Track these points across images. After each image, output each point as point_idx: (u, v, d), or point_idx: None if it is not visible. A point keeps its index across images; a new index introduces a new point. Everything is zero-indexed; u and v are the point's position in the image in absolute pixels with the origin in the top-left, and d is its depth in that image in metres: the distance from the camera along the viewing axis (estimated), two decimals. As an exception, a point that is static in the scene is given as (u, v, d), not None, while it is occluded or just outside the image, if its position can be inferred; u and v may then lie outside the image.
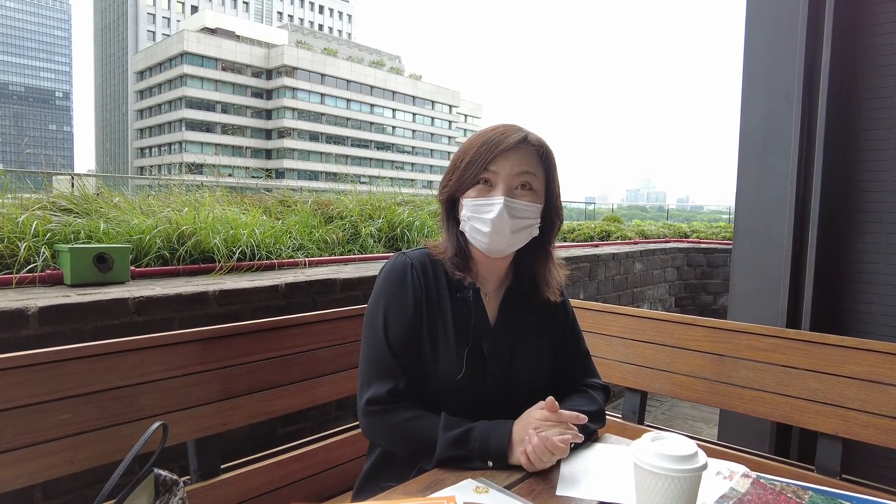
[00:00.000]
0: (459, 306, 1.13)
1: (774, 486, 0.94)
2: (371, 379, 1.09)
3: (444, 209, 1.17)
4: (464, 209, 1.11)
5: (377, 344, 1.10)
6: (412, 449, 1.06)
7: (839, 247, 2.09)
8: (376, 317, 1.11)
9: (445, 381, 1.09)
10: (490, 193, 1.07)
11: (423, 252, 1.18)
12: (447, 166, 1.17)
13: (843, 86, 2.03)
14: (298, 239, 2.58)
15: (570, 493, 0.91)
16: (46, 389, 1.06)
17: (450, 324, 1.11)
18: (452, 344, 1.10)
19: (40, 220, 1.89)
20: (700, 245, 5.49)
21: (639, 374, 1.81)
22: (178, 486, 0.95)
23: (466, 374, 1.08)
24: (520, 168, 1.08)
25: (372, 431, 1.11)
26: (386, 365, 1.09)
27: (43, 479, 1.06)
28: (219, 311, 1.71)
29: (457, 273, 1.13)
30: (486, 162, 1.06)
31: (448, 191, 1.14)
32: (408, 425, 1.05)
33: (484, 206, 1.07)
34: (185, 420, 1.24)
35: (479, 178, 1.08)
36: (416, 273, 1.13)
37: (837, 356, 1.44)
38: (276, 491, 1.39)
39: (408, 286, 1.11)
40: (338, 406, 2.04)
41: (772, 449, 2.13)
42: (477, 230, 1.09)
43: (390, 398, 1.07)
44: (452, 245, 1.14)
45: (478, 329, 1.12)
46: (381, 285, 1.14)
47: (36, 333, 1.36)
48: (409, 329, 1.10)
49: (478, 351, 1.11)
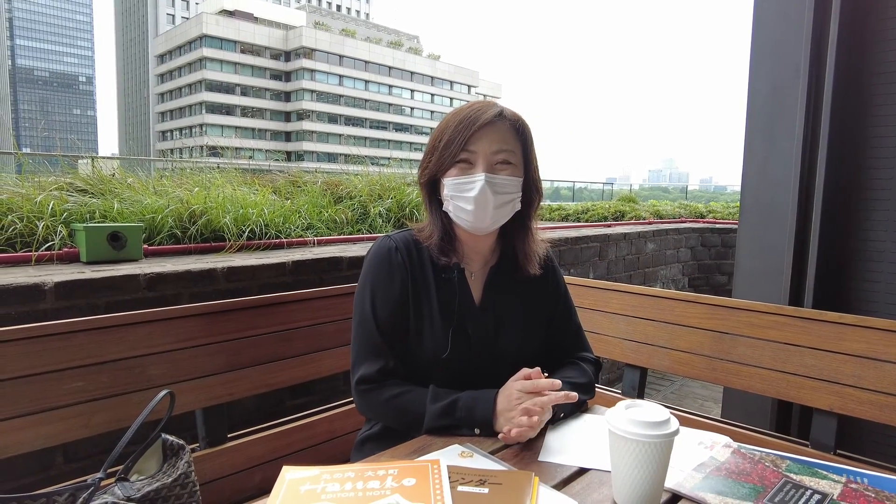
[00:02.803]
0: (444, 287, 1.15)
1: (754, 456, 0.96)
2: (361, 359, 1.13)
3: (426, 191, 1.18)
4: (445, 189, 1.12)
5: (366, 325, 1.13)
6: (403, 422, 1.10)
7: (844, 224, 2.06)
8: (364, 298, 1.15)
9: (431, 360, 1.12)
10: (470, 171, 1.09)
11: (408, 234, 1.19)
12: (425, 148, 1.18)
13: (850, 59, 1.98)
14: (307, 218, 2.63)
15: (551, 460, 0.95)
16: (60, 358, 1.12)
17: (435, 304, 1.13)
18: (438, 324, 1.12)
19: (57, 201, 1.97)
20: (715, 225, 5.42)
21: (639, 350, 1.83)
22: (185, 451, 1.01)
23: (451, 354, 1.10)
24: (497, 145, 1.09)
25: (364, 408, 1.15)
26: (375, 345, 1.12)
27: (60, 442, 1.13)
28: (227, 287, 1.77)
29: (442, 258, 1.15)
30: (464, 140, 1.07)
31: (429, 172, 1.14)
32: (397, 400, 1.09)
33: (466, 185, 1.08)
34: (192, 390, 1.30)
35: (459, 157, 1.08)
36: (400, 255, 1.15)
37: (835, 333, 1.44)
38: (279, 459, 1.45)
39: (393, 267, 1.14)
40: (345, 379, 2.10)
41: (773, 426, 2.13)
42: (460, 208, 1.10)
43: (380, 377, 1.11)
44: (438, 227, 1.15)
45: (462, 309, 1.14)
46: (367, 268, 1.17)
47: (53, 307, 1.43)
48: (396, 308, 1.13)
49: (462, 331, 1.13)
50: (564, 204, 7.03)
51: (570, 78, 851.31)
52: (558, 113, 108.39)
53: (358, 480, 0.83)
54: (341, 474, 0.85)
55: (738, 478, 0.89)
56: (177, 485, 0.95)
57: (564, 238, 3.46)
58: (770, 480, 0.88)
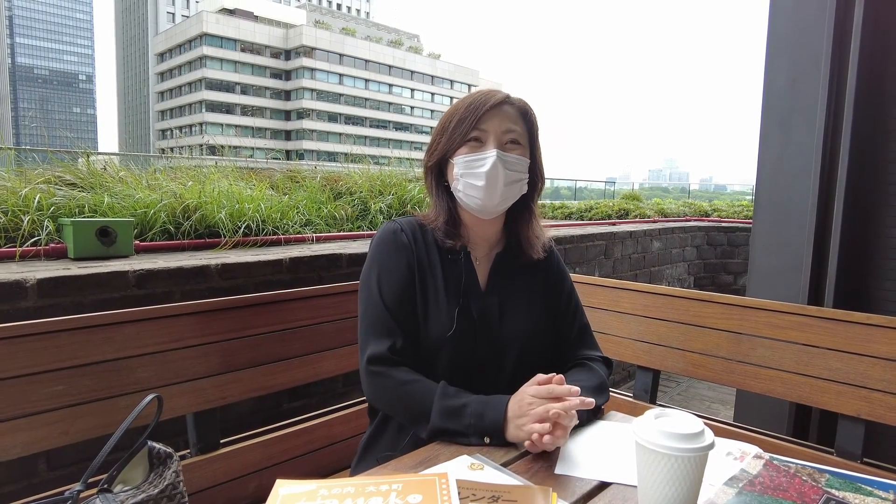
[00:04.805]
0: (450, 268, 1.15)
1: (789, 469, 0.89)
2: (370, 338, 1.10)
3: (433, 176, 1.19)
4: (456, 167, 1.12)
5: (374, 304, 1.11)
6: (409, 412, 1.04)
7: (867, 221, 1.98)
8: (370, 279, 1.14)
9: (436, 340, 1.10)
10: (481, 149, 1.10)
11: (413, 219, 1.21)
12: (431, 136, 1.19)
13: (875, 48, 1.90)
14: (306, 214, 2.55)
15: (570, 473, 0.87)
16: (40, 360, 1.04)
17: (440, 283, 1.13)
18: (443, 303, 1.11)
19: (44, 194, 1.89)
20: (721, 224, 5.35)
21: (651, 352, 1.75)
22: (173, 459, 0.94)
23: (456, 334, 1.08)
24: (507, 125, 1.11)
25: (373, 392, 1.10)
26: (383, 323, 1.09)
27: (38, 450, 1.06)
28: (221, 284, 1.69)
29: (447, 241, 1.15)
30: (475, 120, 1.10)
31: (438, 154, 1.15)
32: (407, 388, 1.05)
33: (477, 161, 1.10)
34: (183, 393, 1.22)
35: (470, 136, 1.10)
36: (405, 235, 1.15)
37: (862, 335, 1.37)
38: (276, 466, 1.38)
39: (399, 247, 1.14)
40: (344, 382, 2.02)
41: (790, 431, 2.06)
42: (471, 185, 1.10)
43: (391, 355, 1.07)
44: (444, 211, 1.16)
45: (468, 291, 1.14)
46: (373, 251, 1.17)
47: (35, 305, 1.36)
48: (403, 287, 1.12)
49: (467, 312, 1.12)
50: (567, 202, 6.95)
51: (570, 77, 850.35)
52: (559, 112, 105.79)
53: (358, 496, 0.75)
54: (340, 489, 0.77)
55: (776, 494, 0.81)
56: (164, 496, 0.89)
57: (569, 236, 3.39)
58: (810, 497, 0.80)
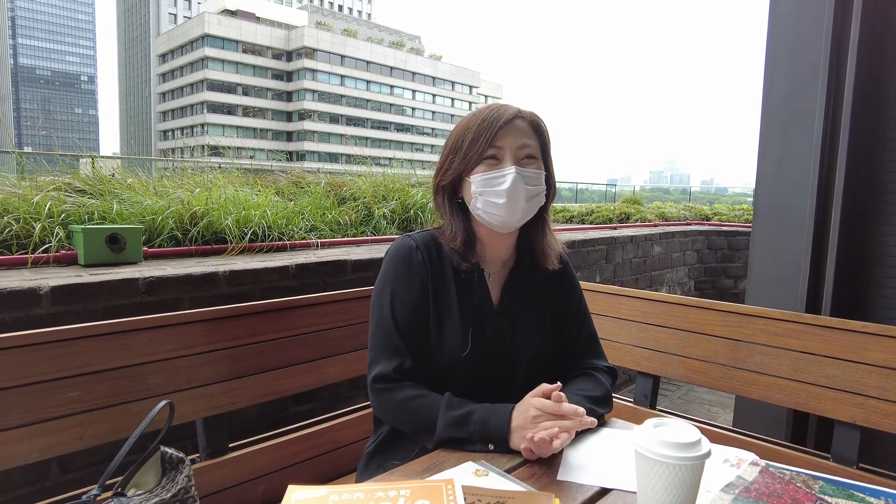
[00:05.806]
0: (464, 287, 1.15)
1: (784, 475, 0.92)
2: (378, 357, 1.11)
3: (446, 195, 1.17)
4: (473, 186, 1.11)
5: (384, 324, 1.12)
6: (415, 426, 1.07)
7: (865, 230, 2.01)
8: (383, 298, 1.13)
9: (450, 360, 1.11)
10: (499, 166, 1.10)
11: (428, 234, 1.20)
12: (441, 153, 1.18)
13: (873, 59, 1.93)
14: (311, 220, 2.58)
15: (572, 479, 0.90)
16: (56, 367, 1.07)
17: (454, 304, 1.13)
18: (457, 324, 1.12)
19: (55, 202, 1.92)
20: (722, 228, 5.37)
21: (651, 358, 1.78)
22: (184, 464, 0.96)
23: (470, 353, 1.10)
24: (522, 140, 1.11)
25: (378, 408, 1.13)
26: (392, 344, 1.11)
27: (54, 455, 1.08)
28: (229, 291, 1.72)
29: (463, 264, 1.14)
30: (490, 137, 1.09)
31: (452, 173, 1.14)
32: (412, 402, 1.07)
33: (496, 178, 1.09)
34: (193, 399, 1.25)
35: (487, 154, 1.10)
36: (420, 254, 1.15)
37: (858, 342, 1.39)
38: (283, 470, 1.40)
39: (413, 267, 1.14)
40: (349, 386, 2.05)
41: (788, 436, 2.08)
42: (491, 203, 1.10)
43: (396, 376, 1.09)
44: (461, 231, 1.15)
45: (481, 310, 1.14)
46: (386, 267, 1.16)
47: (49, 312, 1.39)
48: (416, 309, 1.12)
49: (481, 331, 1.13)
50: (568, 205, 6.96)
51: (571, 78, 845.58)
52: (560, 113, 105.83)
53: (368, 502, 0.78)
54: (350, 495, 0.80)
55: (770, 500, 0.84)
56: (176, 500, 0.91)
57: (571, 240, 3.41)
58: (803, 503, 0.83)
